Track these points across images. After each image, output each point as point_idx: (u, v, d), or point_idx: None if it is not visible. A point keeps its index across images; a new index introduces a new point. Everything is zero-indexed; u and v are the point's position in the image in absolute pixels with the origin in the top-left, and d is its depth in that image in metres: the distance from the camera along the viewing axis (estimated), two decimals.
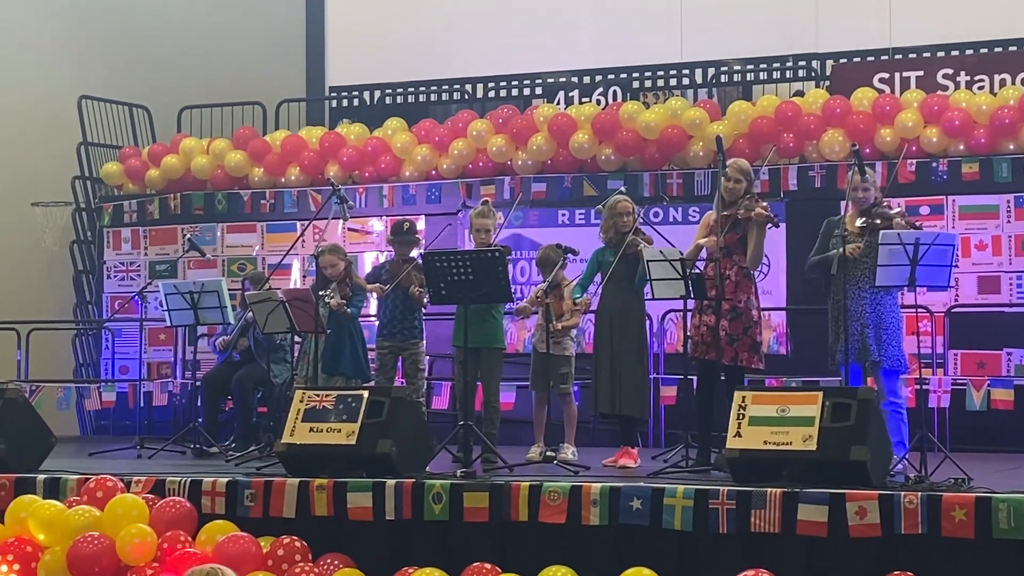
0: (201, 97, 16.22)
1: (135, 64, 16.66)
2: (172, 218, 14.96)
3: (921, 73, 13.42)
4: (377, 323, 10.45)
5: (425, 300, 10.10)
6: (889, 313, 8.75)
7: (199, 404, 11.63)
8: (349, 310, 10.20)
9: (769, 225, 8.88)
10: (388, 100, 16.57)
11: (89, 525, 8.02)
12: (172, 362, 13.98)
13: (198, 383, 11.70)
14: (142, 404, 13.41)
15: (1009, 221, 12.14)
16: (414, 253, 10.37)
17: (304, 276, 13.74)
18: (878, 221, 8.62)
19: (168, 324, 11.20)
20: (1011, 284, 12.12)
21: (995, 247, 12.17)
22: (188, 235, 14.08)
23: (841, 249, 8.60)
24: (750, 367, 9.01)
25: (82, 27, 16.51)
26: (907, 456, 8.31)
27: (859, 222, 8.75)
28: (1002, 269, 12.16)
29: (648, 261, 8.95)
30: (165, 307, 10.83)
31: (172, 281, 11.43)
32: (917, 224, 8.74)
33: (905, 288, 8.44)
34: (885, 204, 8.92)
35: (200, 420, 11.24)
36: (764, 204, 9.02)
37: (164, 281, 11.31)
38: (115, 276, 15.08)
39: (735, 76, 15.30)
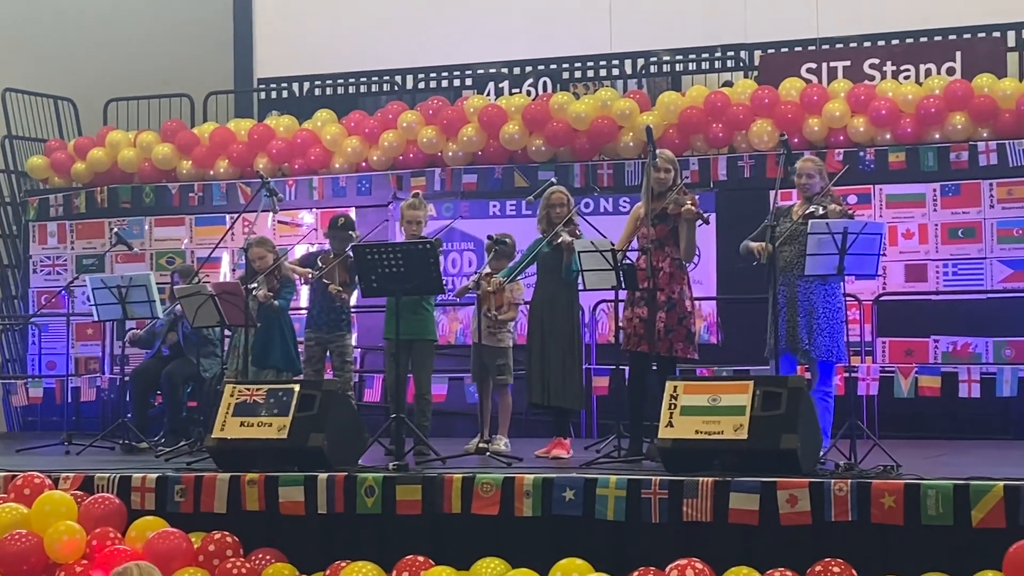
0: (127, 89, 16.07)
1: (60, 56, 16.46)
2: (99, 212, 14.80)
3: (848, 63, 13.53)
4: (306, 315, 10.41)
5: (344, 298, 10.08)
6: (823, 303, 8.72)
7: (128, 399, 11.51)
8: (276, 303, 10.14)
9: (699, 222, 8.87)
10: (317, 92, 16.48)
11: (17, 523, 7.93)
12: (100, 357, 13.83)
13: (127, 378, 11.59)
14: (70, 400, 13.27)
15: (935, 210, 12.27)
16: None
17: (234, 269, 13.65)
18: (821, 211, 8.65)
19: (96, 319, 11.09)
20: (938, 272, 12.24)
21: (922, 235, 12.29)
22: (115, 229, 13.91)
23: (753, 244, 8.64)
24: (685, 357, 9.03)
25: (5, 19, 16.27)
26: (828, 448, 8.31)
27: (808, 210, 8.77)
28: (929, 257, 12.29)
29: (580, 252, 8.95)
30: (93, 302, 10.71)
31: (99, 275, 11.30)
32: (850, 212, 8.76)
33: (834, 276, 8.49)
34: (831, 192, 8.94)
35: (129, 415, 11.13)
36: (693, 199, 8.99)
37: (91, 275, 11.19)
38: (41, 271, 14.91)
39: (664, 67, 15.34)
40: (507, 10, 16.25)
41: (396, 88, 16.02)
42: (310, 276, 10.16)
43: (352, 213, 13.45)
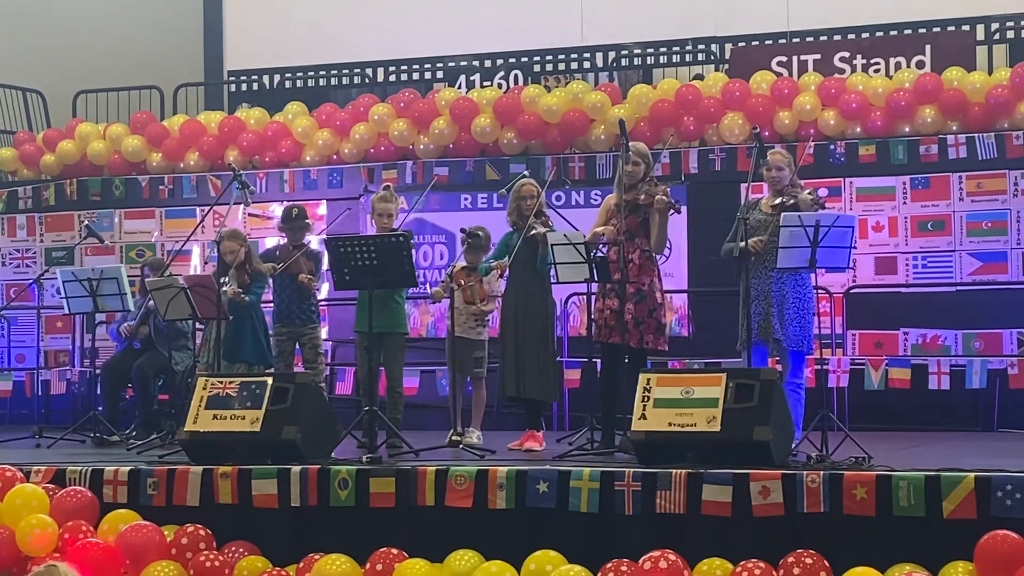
0: (97, 81, 16.00)
1: (29, 48, 16.40)
2: (68, 204, 14.74)
3: (818, 56, 13.58)
4: (273, 309, 10.37)
5: (315, 288, 10.06)
6: (793, 293, 8.77)
7: (99, 392, 11.47)
8: (247, 298, 10.07)
9: (671, 211, 8.88)
10: (288, 84, 16.45)
11: None
12: (70, 350, 13.77)
13: (97, 371, 11.55)
14: (40, 393, 13.23)
15: (905, 203, 12.34)
16: (309, 239, 10.31)
17: (205, 262, 13.61)
18: (791, 201, 8.67)
19: (66, 312, 11.02)
20: (907, 265, 12.32)
21: (891, 228, 12.36)
22: (85, 221, 13.87)
23: (743, 243, 8.61)
24: (656, 349, 9.03)
25: None
26: (800, 440, 8.33)
27: (775, 202, 8.81)
28: (898, 250, 12.36)
29: (552, 245, 8.94)
30: (63, 294, 10.65)
31: (70, 268, 11.24)
32: (820, 200, 8.76)
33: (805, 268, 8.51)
34: (799, 184, 8.97)
35: (100, 408, 11.08)
36: (664, 189, 8.97)
37: (62, 268, 11.13)
38: (10, 263, 14.84)
39: (636, 60, 15.37)
40: (479, 3, 16.27)
41: (367, 81, 16.00)
42: (272, 270, 10.10)
43: (323, 206, 13.47)
